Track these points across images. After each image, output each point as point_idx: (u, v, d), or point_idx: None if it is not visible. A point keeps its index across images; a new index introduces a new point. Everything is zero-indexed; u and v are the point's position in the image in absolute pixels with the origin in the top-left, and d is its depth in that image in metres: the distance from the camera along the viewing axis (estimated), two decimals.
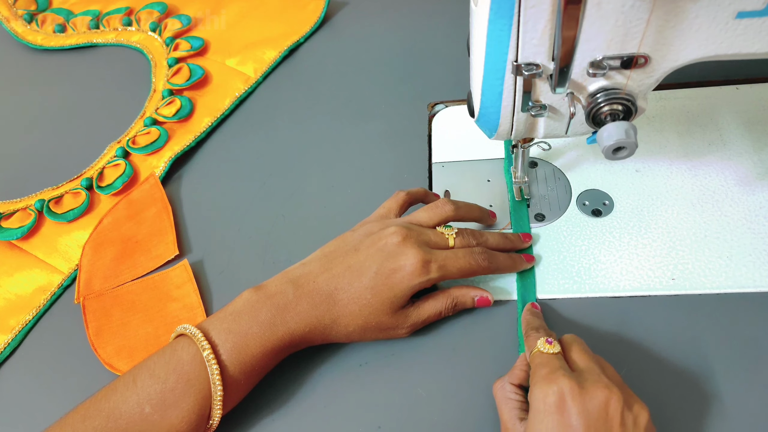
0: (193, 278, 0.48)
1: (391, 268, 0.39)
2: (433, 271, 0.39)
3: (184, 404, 0.35)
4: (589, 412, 0.31)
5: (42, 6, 0.75)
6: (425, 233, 0.41)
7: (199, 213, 0.53)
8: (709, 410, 0.37)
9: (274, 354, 0.39)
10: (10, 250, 0.53)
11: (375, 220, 0.43)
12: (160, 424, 0.35)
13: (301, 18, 0.68)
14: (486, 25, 0.33)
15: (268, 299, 0.39)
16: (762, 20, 0.32)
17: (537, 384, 0.33)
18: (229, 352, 0.37)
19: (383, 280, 0.39)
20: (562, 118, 0.39)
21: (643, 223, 0.46)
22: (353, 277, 0.39)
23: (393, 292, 0.39)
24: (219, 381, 0.36)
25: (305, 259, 0.42)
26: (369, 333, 0.40)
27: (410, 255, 0.39)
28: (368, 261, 0.39)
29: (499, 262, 0.42)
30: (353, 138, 0.56)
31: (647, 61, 0.34)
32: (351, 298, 0.39)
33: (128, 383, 0.36)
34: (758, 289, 0.41)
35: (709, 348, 0.39)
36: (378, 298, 0.39)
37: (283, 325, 0.38)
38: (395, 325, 0.40)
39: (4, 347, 0.46)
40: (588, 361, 0.34)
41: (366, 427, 0.39)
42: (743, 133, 0.50)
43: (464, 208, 0.44)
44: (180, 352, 0.37)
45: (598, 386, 0.32)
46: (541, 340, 0.35)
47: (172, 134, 0.59)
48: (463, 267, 0.40)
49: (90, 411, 0.35)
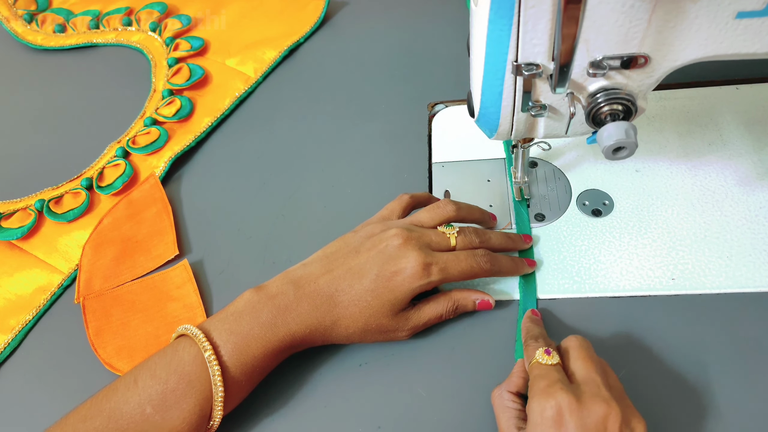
0: (193, 278, 0.48)
1: (392, 271, 0.39)
2: (434, 274, 0.39)
3: (186, 405, 0.35)
4: (587, 427, 0.30)
5: (42, 6, 0.75)
6: (426, 234, 0.41)
7: (199, 213, 0.53)
8: (709, 410, 0.37)
9: (274, 355, 0.39)
10: (10, 250, 0.53)
11: (377, 222, 0.43)
12: (162, 425, 0.35)
13: (301, 18, 0.68)
14: (486, 25, 0.33)
15: (269, 300, 0.39)
16: (762, 20, 0.32)
17: (535, 397, 0.32)
18: (230, 353, 0.37)
19: (384, 283, 0.39)
20: (562, 118, 0.39)
21: (643, 223, 0.46)
22: (354, 279, 0.39)
23: (393, 295, 0.39)
24: (220, 382, 0.36)
25: (306, 260, 0.42)
26: (369, 335, 0.40)
27: (411, 258, 0.39)
28: (369, 263, 0.39)
29: (502, 265, 0.42)
30: (353, 138, 0.56)
31: (647, 61, 0.34)
32: (352, 300, 0.39)
33: (129, 384, 0.36)
34: (758, 289, 0.41)
35: (709, 348, 0.39)
36: (379, 301, 0.39)
37: (284, 326, 0.38)
38: (396, 327, 0.40)
39: (4, 347, 0.46)
40: (588, 371, 0.34)
41: (366, 427, 0.39)
42: (743, 133, 0.50)
43: (465, 209, 0.44)
44: (181, 353, 0.37)
45: (596, 401, 0.31)
46: (539, 351, 0.35)
47: (172, 134, 0.59)
48: (464, 270, 0.40)
49: (91, 411, 0.35)
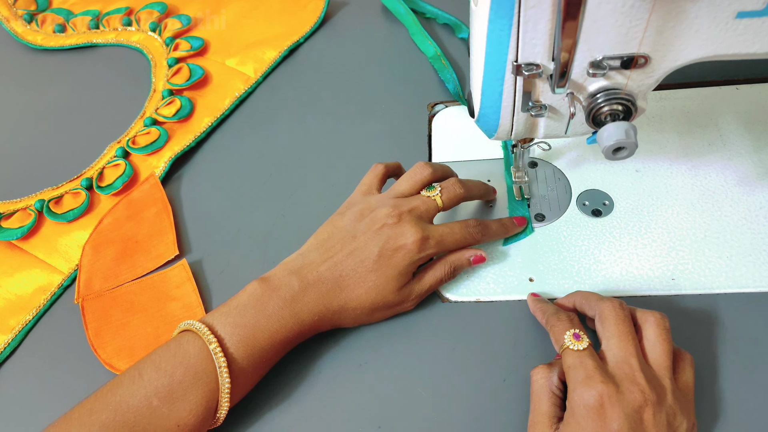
0: (192, 277, 0.48)
1: (393, 248, 0.40)
2: (432, 247, 0.41)
3: (192, 397, 0.36)
4: (628, 416, 0.31)
5: (42, 6, 0.75)
6: (415, 205, 0.42)
7: (199, 213, 0.53)
8: (709, 410, 0.37)
9: (282, 345, 0.39)
10: (10, 250, 0.53)
11: (359, 200, 0.44)
12: (169, 417, 0.35)
13: (301, 18, 0.68)
14: (486, 25, 0.33)
15: (273, 292, 0.39)
16: (762, 20, 0.32)
17: (576, 389, 0.33)
18: (236, 345, 0.37)
19: (386, 261, 0.40)
20: (562, 118, 0.39)
21: (643, 223, 0.46)
22: (357, 262, 0.40)
23: (397, 271, 0.40)
24: (227, 373, 0.36)
25: (301, 249, 0.42)
26: (377, 313, 0.41)
27: (408, 234, 0.40)
28: (369, 245, 0.40)
29: (492, 231, 0.44)
30: (353, 138, 0.56)
31: (647, 61, 0.34)
32: (357, 282, 0.40)
33: (134, 377, 0.36)
34: (758, 289, 0.41)
35: (709, 348, 0.39)
36: (383, 279, 0.40)
37: (291, 317, 0.39)
38: (401, 300, 0.41)
39: (4, 347, 0.46)
40: (624, 351, 0.34)
41: (366, 426, 0.39)
42: (743, 133, 0.50)
43: (439, 170, 0.45)
44: (186, 346, 0.37)
45: (633, 389, 0.32)
46: (568, 335, 0.35)
47: (172, 134, 0.59)
48: (458, 240, 0.42)
49: (96, 405, 0.35)
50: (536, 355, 0.40)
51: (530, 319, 0.42)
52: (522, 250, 0.45)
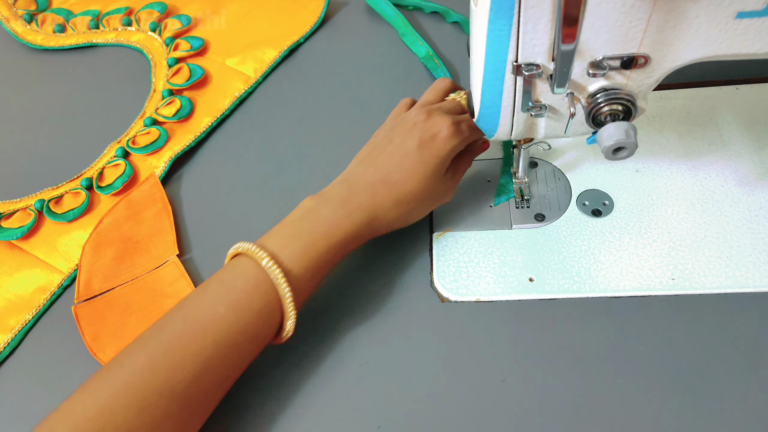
0: (186, 273, 0.48)
1: (430, 137, 0.43)
2: (465, 130, 0.44)
3: (255, 304, 0.37)
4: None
5: (42, 6, 0.75)
6: (442, 105, 0.46)
7: (199, 213, 0.53)
8: (709, 410, 0.37)
9: (339, 247, 0.40)
10: (10, 250, 0.53)
11: (390, 121, 0.47)
12: (236, 325, 0.36)
13: (301, 18, 0.68)
14: (486, 25, 0.33)
15: (327, 201, 0.41)
16: (762, 20, 0.32)
17: None
18: (291, 256, 0.38)
19: (428, 150, 0.42)
20: (562, 118, 0.39)
21: (643, 223, 0.46)
22: (400, 158, 0.42)
23: (439, 158, 0.43)
24: (285, 283, 0.37)
25: (346, 170, 0.45)
26: (425, 206, 0.44)
27: (441, 122, 0.43)
28: (407, 141, 0.43)
29: None
30: (353, 138, 0.56)
31: (647, 61, 0.34)
32: (406, 177, 0.42)
33: (199, 293, 0.38)
34: (758, 289, 0.41)
35: (709, 348, 0.39)
36: (430, 167, 0.42)
37: (346, 217, 0.41)
38: (444, 189, 0.45)
39: (4, 347, 0.46)
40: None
41: (366, 426, 0.39)
42: (743, 133, 0.50)
43: (457, 84, 0.49)
44: (243, 264, 0.38)
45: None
46: None
47: (172, 134, 0.59)
48: None
49: (165, 321, 0.37)
50: (536, 355, 0.40)
51: (530, 319, 0.42)
52: (522, 250, 0.45)
